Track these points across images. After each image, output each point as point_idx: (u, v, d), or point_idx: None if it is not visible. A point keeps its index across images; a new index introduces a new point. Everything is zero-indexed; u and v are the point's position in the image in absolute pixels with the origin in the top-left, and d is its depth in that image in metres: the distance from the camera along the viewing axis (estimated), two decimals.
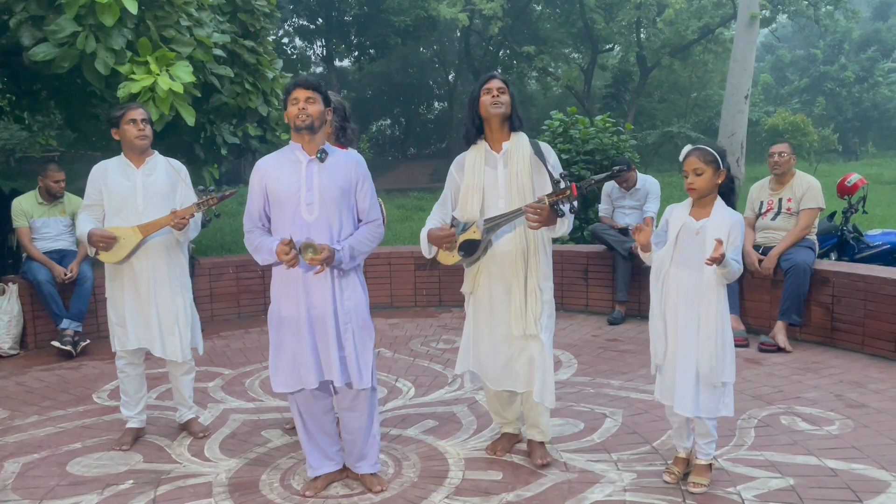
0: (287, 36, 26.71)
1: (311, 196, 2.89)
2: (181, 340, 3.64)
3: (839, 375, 4.40)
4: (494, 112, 3.10)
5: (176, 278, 3.65)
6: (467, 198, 3.16)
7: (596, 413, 3.88)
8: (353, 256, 2.92)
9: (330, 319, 2.90)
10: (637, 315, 5.94)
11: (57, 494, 3.11)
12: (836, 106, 30.37)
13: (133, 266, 3.57)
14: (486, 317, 3.20)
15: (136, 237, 3.50)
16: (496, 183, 3.13)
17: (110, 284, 3.66)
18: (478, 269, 3.20)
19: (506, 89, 3.13)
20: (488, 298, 3.18)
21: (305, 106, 2.87)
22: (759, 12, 15.59)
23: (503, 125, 3.15)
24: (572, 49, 27.31)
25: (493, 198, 3.13)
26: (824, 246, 5.98)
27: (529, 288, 3.11)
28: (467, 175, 3.18)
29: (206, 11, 5.85)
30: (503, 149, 3.16)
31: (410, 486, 3.10)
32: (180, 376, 3.75)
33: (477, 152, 3.20)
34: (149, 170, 3.63)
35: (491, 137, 3.19)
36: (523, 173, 3.10)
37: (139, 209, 3.56)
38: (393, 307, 6.65)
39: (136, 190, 3.58)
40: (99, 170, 3.64)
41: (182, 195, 3.67)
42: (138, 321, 3.59)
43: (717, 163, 2.91)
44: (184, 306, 3.66)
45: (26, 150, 17.54)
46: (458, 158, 3.28)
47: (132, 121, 3.57)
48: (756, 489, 2.96)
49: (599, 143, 7.79)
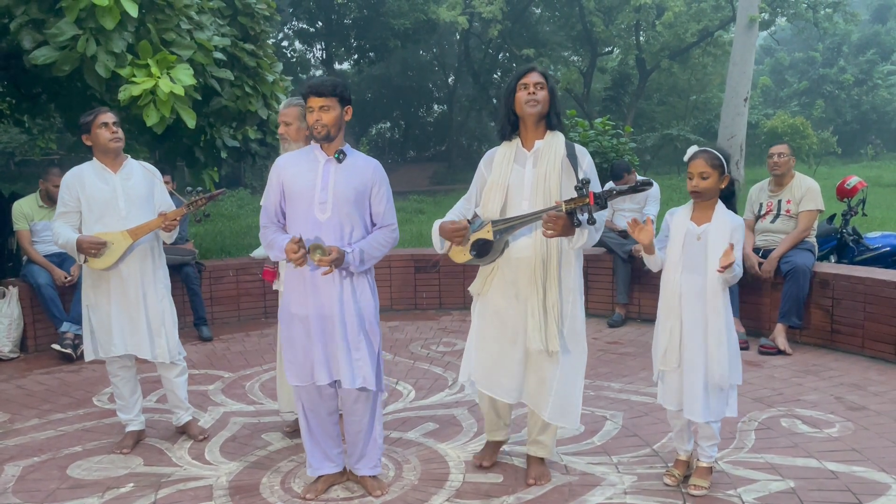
0: (287, 39, 26.75)
1: (326, 195, 2.89)
2: (168, 342, 3.62)
3: (839, 378, 4.40)
4: (530, 111, 2.93)
5: (161, 280, 3.65)
6: (490, 195, 3.00)
7: (596, 416, 3.88)
8: (364, 260, 2.91)
9: (337, 320, 2.90)
10: (637, 318, 5.94)
11: (57, 498, 3.10)
12: (836, 108, 30.37)
13: (121, 271, 3.52)
14: (493, 322, 3.04)
15: (125, 241, 3.47)
16: (522, 182, 2.96)
17: (93, 292, 3.58)
18: (492, 270, 3.04)
19: (544, 84, 2.95)
20: (498, 303, 3.02)
21: (320, 116, 2.85)
22: (758, 15, 15.62)
23: (539, 123, 2.99)
24: (571, 52, 27.31)
25: (517, 198, 2.96)
26: (824, 248, 5.98)
27: (550, 301, 2.91)
28: (494, 171, 3.03)
29: (207, 15, 5.86)
30: (535, 147, 2.99)
31: (411, 489, 3.10)
32: (173, 378, 3.73)
33: (508, 148, 3.04)
34: (126, 174, 3.58)
35: (524, 135, 3.02)
36: (552, 175, 2.92)
37: (122, 214, 3.51)
38: (393, 310, 6.65)
39: (116, 195, 3.52)
40: (74, 176, 3.54)
41: (160, 197, 3.67)
42: (125, 327, 3.56)
43: (723, 167, 2.90)
44: (170, 308, 3.67)
45: (26, 153, 17.57)
46: (489, 153, 3.12)
47: (104, 124, 3.50)
48: (756, 492, 2.96)
49: (599, 145, 7.80)
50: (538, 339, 2.91)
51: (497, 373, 3.04)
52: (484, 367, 3.07)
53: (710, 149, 2.94)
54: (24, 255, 5.61)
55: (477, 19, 23.53)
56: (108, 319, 3.55)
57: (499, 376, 3.04)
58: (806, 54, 33.64)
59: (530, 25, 25.61)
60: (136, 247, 3.53)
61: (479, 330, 3.10)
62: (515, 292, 2.97)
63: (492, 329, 3.05)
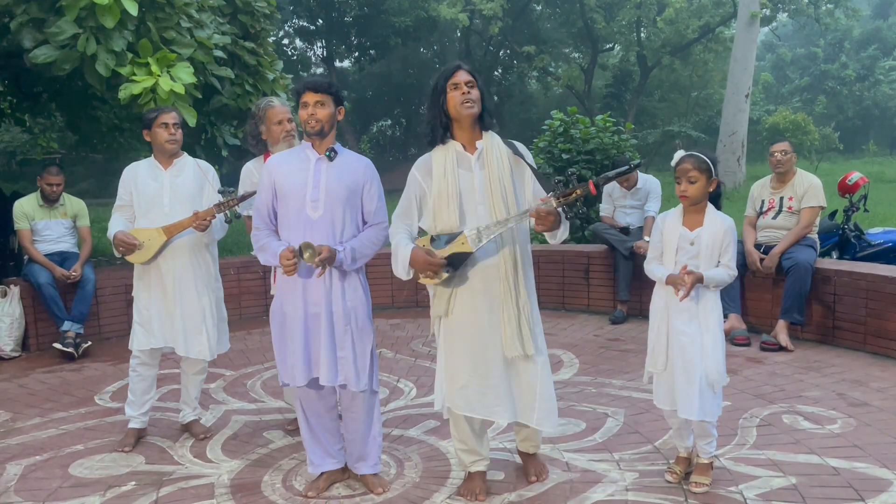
0: (287, 37, 26.71)
1: (317, 193, 2.89)
2: (209, 340, 3.66)
3: (841, 374, 4.39)
4: (467, 112, 2.78)
5: (201, 278, 3.68)
6: (441, 205, 2.81)
7: (598, 413, 3.88)
8: (355, 258, 2.92)
9: (325, 318, 2.90)
10: (638, 314, 5.94)
11: (59, 496, 3.11)
12: (837, 104, 30.30)
13: (160, 266, 3.62)
14: (468, 340, 2.84)
15: (160, 238, 3.55)
16: (473, 187, 2.81)
17: (137, 284, 3.70)
18: (453, 289, 2.83)
19: (475, 83, 2.80)
20: (472, 319, 2.83)
21: (315, 111, 2.87)
22: (759, 11, 15.61)
23: (475, 124, 2.85)
24: (572, 49, 27.29)
25: (471, 204, 2.80)
26: (826, 244, 5.97)
27: (521, 304, 2.82)
28: (437, 180, 2.83)
29: (207, 13, 5.86)
30: (478, 149, 2.85)
31: (412, 487, 3.10)
32: (192, 375, 3.77)
33: (446, 153, 2.85)
34: (176, 171, 3.68)
35: (462, 137, 2.86)
36: (504, 175, 2.81)
37: (165, 210, 3.60)
38: (394, 307, 6.65)
39: (162, 191, 3.63)
40: (130, 171, 3.71)
41: (209, 196, 3.70)
42: (164, 320, 3.62)
43: (711, 171, 2.92)
44: (210, 306, 3.68)
45: (27, 152, 17.57)
46: (423, 160, 2.91)
47: (164, 124, 3.63)
48: (758, 488, 2.96)
49: (600, 142, 7.79)
50: (516, 345, 2.80)
51: (480, 392, 2.85)
52: (463, 389, 2.86)
53: (696, 153, 2.95)
54: (26, 254, 5.62)
55: (477, 16, 23.50)
56: (150, 312, 3.63)
57: (482, 395, 2.85)
58: (807, 50, 33.57)
59: (531, 22, 25.58)
60: (173, 242, 3.58)
61: (450, 352, 2.90)
62: (488, 302, 2.82)
63: (466, 345, 2.85)
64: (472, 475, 3.02)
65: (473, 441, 2.98)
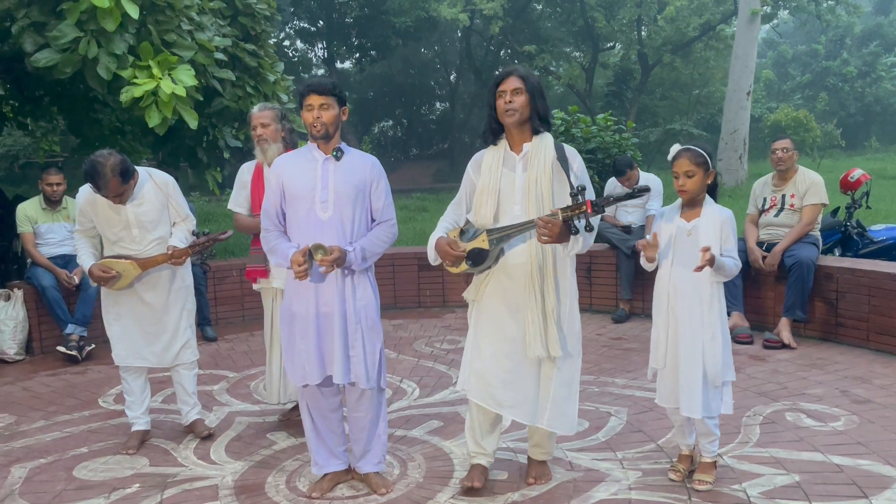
0: (288, 38, 26.74)
1: (326, 194, 2.90)
2: (188, 346, 3.73)
3: (844, 371, 4.39)
4: (508, 121, 2.86)
5: (177, 292, 3.70)
6: (481, 201, 2.91)
7: (601, 412, 3.88)
8: (366, 258, 2.93)
9: (338, 318, 2.91)
10: (641, 313, 5.94)
11: (64, 499, 3.12)
12: (839, 101, 30.23)
13: (137, 290, 3.61)
14: (490, 329, 2.94)
15: (135, 271, 3.55)
16: (513, 187, 2.88)
17: (113, 308, 3.65)
18: (487, 277, 2.95)
19: (522, 89, 2.84)
20: (495, 311, 2.92)
21: (320, 114, 2.87)
22: (760, 8, 15.59)
23: (522, 127, 2.90)
24: (573, 48, 27.26)
25: (509, 203, 2.88)
26: (828, 242, 5.96)
27: (549, 306, 2.84)
28: (483, 176, 2.94)
29: (207, 15, 5.87)
30: (524, 150, 2.91)
31: (416, 487, 3.10)
32: (182, 372, 3.78)
33: (496, 152, 2.96)
34: (137, 202, 3.56)
35: (511, 139, 2.94)
36: (543, 179, 2.84)
37: (136, 238, 3.57)
38: (397, 308, 6.65)
39: (129, 224, 3.56)
40: (88, 202, 3.53)
41: (175, 208, 3.70)
42: (139, 342, 3.64)
43: (707, 164, 2.92)
44: (188, 314, 3.75)
45: (30, 155, 17.60)
46: (477, 156, 3.03)
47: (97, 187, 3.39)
48: (762, 486, 2.96)
49: (601, 141, 7.80)
50: (539, 345, 2.83)
51: (497, 386, 2.90)
52: (481, 378, 2.93)
53: (692, 146, 2.94)
54: (29, 257, 5.63)
55: (478, 16, 23.50)
56: (128, 332, 3.63)
57: (497, 388, 2.90)
58: (809, 47, 33.50)
59: (531, 22, 25.57)
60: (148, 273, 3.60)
61: (475, 335, 3.00)
62: (511, 299, 2.89)
63: (488, 333, 2.95)
64: (472, 467, 3.07)
65: (479, 433, 3.04)
